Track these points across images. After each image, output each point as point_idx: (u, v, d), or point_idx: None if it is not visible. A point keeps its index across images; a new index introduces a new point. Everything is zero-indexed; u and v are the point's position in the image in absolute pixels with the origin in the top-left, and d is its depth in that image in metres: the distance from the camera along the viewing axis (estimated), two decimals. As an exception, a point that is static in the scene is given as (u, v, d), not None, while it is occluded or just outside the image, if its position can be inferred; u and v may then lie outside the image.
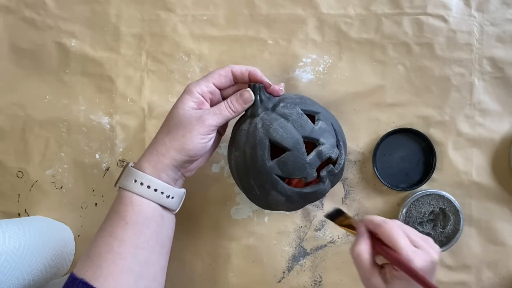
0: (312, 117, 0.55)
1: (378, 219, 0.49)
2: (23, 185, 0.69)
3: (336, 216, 0.57)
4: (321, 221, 0.66)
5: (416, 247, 0.46)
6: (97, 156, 0.68)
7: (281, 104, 0.54)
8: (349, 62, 0.66)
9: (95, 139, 0.68)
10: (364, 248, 0.47)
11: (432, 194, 0.62)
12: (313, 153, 0.52)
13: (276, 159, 0.52)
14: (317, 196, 0.55)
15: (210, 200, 0.67)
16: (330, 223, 0.65)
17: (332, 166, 0.54)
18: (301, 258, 0.66)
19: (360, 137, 0.65)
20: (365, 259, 0.47)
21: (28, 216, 0.68)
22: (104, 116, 0.68)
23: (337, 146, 0.55)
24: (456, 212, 0.62)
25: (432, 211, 0.62)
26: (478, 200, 0.64)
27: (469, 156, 0.64)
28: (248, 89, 0.54)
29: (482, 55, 0.64)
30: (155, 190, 0.51)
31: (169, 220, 0.54)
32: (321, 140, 0.53)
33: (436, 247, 0.49)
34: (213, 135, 0.53)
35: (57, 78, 0.68)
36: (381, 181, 0.64)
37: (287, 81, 0.66)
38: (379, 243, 0.48)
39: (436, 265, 0.47)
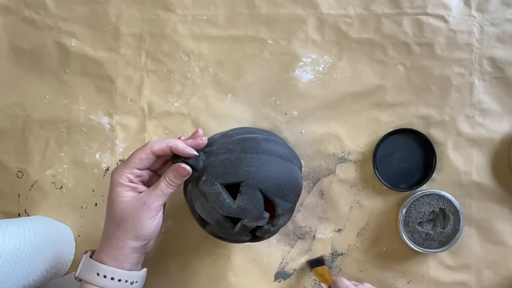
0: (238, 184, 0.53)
1: (341, 285, 0.58)
2: (23, 185, 0.69)
3: (317, 264, 0.64)
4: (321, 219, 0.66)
5: None
6: (97, 156, 0.68)
7: (203, 178, 0.53)
8: (349, 62, 0.66)
9: (95, 139, 0.68)
10: None
11: (432, 194, 0.62)
12: (238, 225, 0.54)
13: (208, 227, 0.56)
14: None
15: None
16: (331, 221, 0.65)
17: (266, 225, 0.54)
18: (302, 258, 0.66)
19: (360, 137, 0.65)
20: None
21: (28, 216, 0.68)
22: (104, 116, 0.68)
23: (273, 206, 0.54)
24: (456, 212, 0.62)
25: (432, 211, 0.62)
26: (478, 200, 0.64)
27: (469, 156, 0.64)
28: (184, 164, 0.53)
29: (482, 55, 0.64)
30: (119, 280, 0.52)
31: None
32: (241, 217, 0.53)
33: None
34: (161, 212, 0.54)
35: (57, 78, 0.68)
36: (381, 181, 0.64)
37: (287, 81, 0.66)
38: None
39: None
